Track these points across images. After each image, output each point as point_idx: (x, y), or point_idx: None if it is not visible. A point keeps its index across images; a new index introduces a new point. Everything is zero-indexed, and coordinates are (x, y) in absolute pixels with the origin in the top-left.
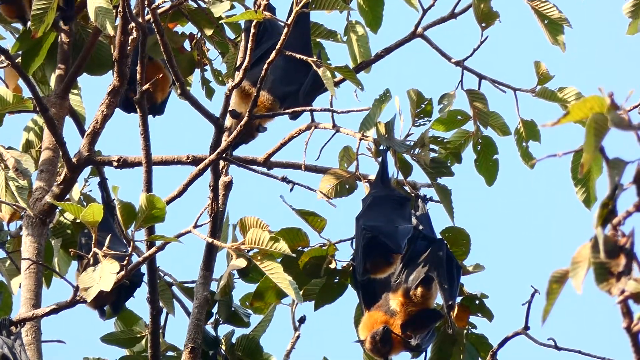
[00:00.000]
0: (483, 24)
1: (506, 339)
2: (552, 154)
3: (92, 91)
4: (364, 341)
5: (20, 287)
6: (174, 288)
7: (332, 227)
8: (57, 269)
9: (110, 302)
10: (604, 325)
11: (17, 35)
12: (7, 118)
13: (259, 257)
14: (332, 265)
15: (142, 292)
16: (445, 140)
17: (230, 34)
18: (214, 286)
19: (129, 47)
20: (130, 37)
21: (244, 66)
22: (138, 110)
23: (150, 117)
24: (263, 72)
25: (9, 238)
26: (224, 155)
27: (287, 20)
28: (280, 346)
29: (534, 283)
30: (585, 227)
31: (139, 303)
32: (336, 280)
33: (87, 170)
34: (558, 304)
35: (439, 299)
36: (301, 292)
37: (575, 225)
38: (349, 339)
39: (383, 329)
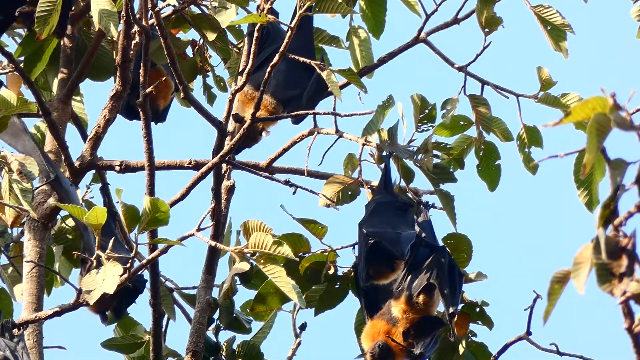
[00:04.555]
0: (486, 30)
1: (508, 344)
2: (553, 155)
3: (94, 98)
4: (366, 353)
5: (22, 293)
6: (175, 294)
7: (333, 232)
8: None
9: (112, 307)
10: (606, 330)
11: (19, 41)
12: None
13: (262, 261)
14: (331, 272)
15: (142, 298)
16: (448, 146)
17: (232, 39)
18: (215, 291)
19: (131, 52)
20: (133, 42)
21: (246, 70)
22: (141, 113)
23: (152, 123)
24: (266, 74)
25: (12, 242)
26: (226, 158)
27: (290, 23)
28: (281, 353)
29: (536, 289)
30: (588, 233)
31: (138, 309)
32: (337, 286)
33: (89, 176)
34: (560, 309)
35: (440, 307)
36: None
37: (578, 232)
38: (350, 346)
39: (379, 346)
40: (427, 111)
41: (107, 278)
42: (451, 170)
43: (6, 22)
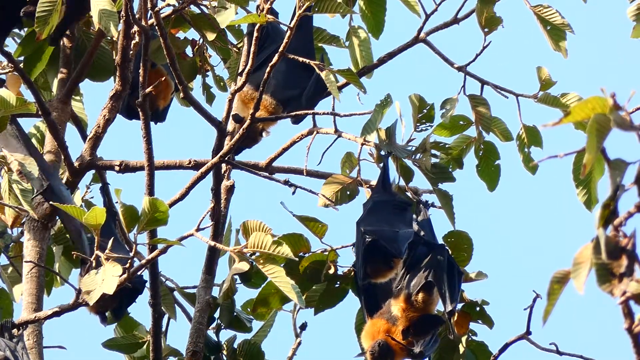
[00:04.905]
0: (486, 29)
1: (508, 344)
2: (553, 155)
3: (94, 98)
4: (366, 352)
5: (22, 293)
6: (176, 293)
7: (333, 232)
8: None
9: (112, 308)
10: (606, 330)
11: (19, 41)
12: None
13: (261, 261)
14: (332, 271)
15: (143, 297)
16: (446, 146)
17: (232, 39)
18: (215, 291)
19: (131, 52)
20: (133, 42)
21: (246, 70)
22: (140, 113)
23: (152, 123)
24: (266, 74)
25: (12, 243)
26: (226, 158)
27: (290, 23)
28: (281, 353)
29: (535, 288)
30: (588, 233)
31: (139, 309)
32: (337, 286)
33: (89, 176)
34: (560, 308)
35: (440, 306)
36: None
37: (578, 232)
38: (350, 345)
39: (379, 345)
40: (425, 111)
41: (106, 278)
42: (450, 169)
43: (10, 24)
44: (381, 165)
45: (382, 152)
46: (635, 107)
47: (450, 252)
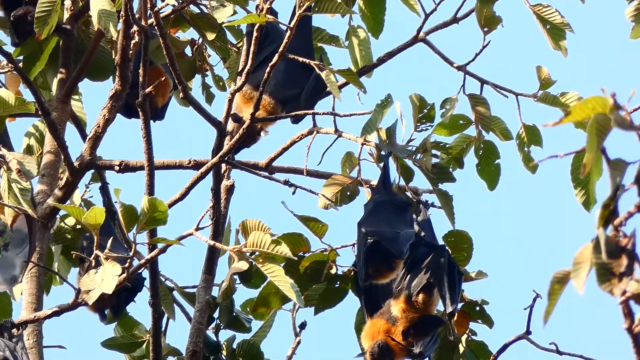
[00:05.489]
0: (485, 29)
1: (508, 344)
2: (553, 154)
3: (93, 97)
4: (365, 352)
5: (21, 293)
6: (175, 293)
7: (333, 232)
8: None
9: (111, 306)
10: (606, 330)
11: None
12: (8, 124)
13: (260, 260)
14: (333, 271)
15: (143, 297)
16: (447, 146)
17: (232, 39)
18: (215, 291)
19: (130, 52)
20: (132, 42)
21: (246, 70)
22: (140, 113)
23: (151, 121)
24: (265, 75)
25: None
26: (226, 158)
27: (289, 23)
28: (281, 352)
29: (535, 288)
30: (587, 232)
31: (138, 308)
32: (337, 285)
33: (88, 175)
34: (560, 308)
35: (440, 306)
36: (302, 297)
37: (577, 231)
38: (350, 345)
39: (379, 345)
40: (425, 111)
41: (105, 278)
42: (450, 169)
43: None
44: (381, 165)
45: (383, 152)
46: (635, 107)
47: (450, 252)
